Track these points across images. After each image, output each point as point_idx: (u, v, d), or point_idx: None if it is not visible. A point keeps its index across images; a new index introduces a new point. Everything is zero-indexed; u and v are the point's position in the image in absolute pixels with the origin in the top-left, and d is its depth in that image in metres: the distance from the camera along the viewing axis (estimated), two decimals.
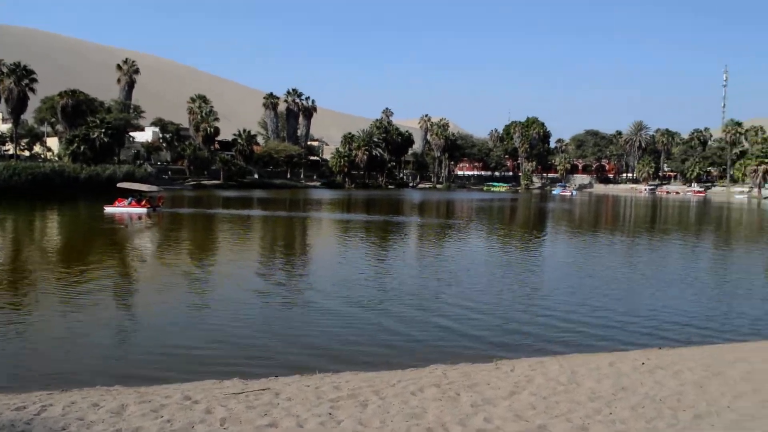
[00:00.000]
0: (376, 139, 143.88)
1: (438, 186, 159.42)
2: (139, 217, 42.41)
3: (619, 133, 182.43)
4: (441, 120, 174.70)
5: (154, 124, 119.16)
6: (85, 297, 16.62)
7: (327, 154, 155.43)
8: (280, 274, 21.11)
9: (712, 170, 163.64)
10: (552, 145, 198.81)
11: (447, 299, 17.37)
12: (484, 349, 12.90)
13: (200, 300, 16.81)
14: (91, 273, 20.21)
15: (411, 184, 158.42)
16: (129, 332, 13.60)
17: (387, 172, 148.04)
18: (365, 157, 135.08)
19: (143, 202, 47.05)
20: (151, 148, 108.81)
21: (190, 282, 19.28)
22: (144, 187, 48.39)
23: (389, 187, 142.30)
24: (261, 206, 60.79)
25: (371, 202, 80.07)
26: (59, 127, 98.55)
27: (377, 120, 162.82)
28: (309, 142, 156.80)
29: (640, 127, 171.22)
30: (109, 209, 45.82)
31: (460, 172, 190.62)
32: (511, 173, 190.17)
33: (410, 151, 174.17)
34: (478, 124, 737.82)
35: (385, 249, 28.88)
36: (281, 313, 15.59)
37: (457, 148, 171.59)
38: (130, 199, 47.09)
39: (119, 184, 48.69)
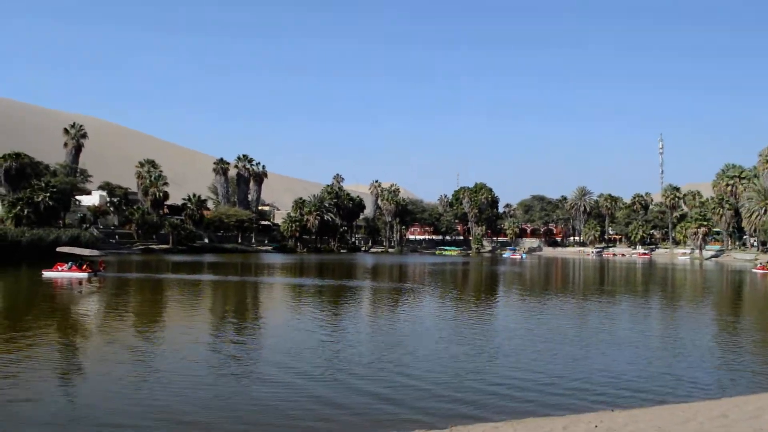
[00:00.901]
0: (327, 204, 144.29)
1: (390, 250, 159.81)
2: (79, 282, 41.15)
3: (564, 198, 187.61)
4: (391, 185, 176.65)
5: (101, 188, 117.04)
6: (11, 367, 15.74)
7: (278, 219, 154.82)
8: (229, 344, 20.50)
9: (655, 233, 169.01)
10: (501, 209, 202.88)
11: (399, 367, 17.10)
12: (439, 416, 12.65)
13: (140, 373, 16.10)
14: (18, 342, 19.23)
15: (363, 249, 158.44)
16: (57, 409, 12.85)
17: (339, 237, 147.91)
18: (317, 221, 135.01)
19: (84, 267, 45.79)
20: (98, 212, 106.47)
21: (129, 353, 18.50)
22: (84, 252, 47.37)
23: (341, 251, 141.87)
24: (211, 270, 59.64)
25: (323, 266, 79.48)
26: (1, 190, 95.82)
27: (328, 185, 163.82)
28: (260, 207, 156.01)
29: (583, 192, 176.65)
30: (47, 274, 44.46)
31: (411, 236, 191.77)
32: (461, 237, 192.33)
33: (362, 216, 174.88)
34: (429, 189, 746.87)
35: (338, 315, 28.49)
36: (228, 387, 15.05)
37: (407, 213, 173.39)
38: (70, 263, 45.86)
39: (59, 249, 47.77)
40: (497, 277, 63.01)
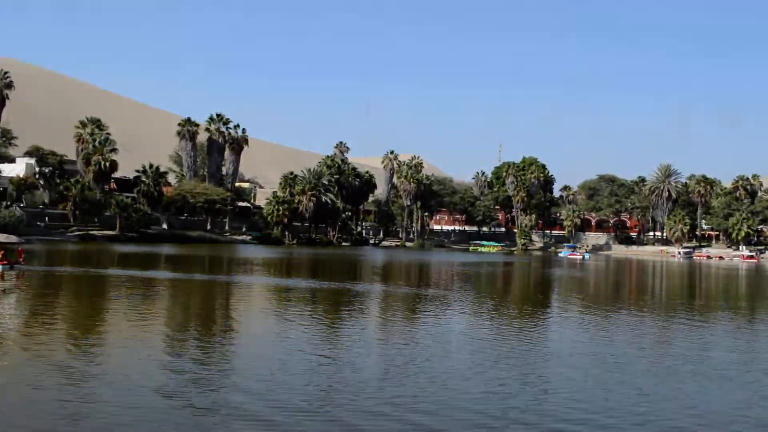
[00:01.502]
0: (326, 182, 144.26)
1: (408, 244, 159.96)
2: None
3: (642, 180, 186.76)
4: (412, 158, 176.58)
5: (29, 153, 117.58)
6: None
7: (261, 200, 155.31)
8: (191, 364, 20.20)
9: (765, 229, 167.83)
10: (556, 193, 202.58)
11: (417, 402, 16.71)
12: None
13: (69, 404, 15.79)
14: None
15: (372, 241, 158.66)
16: None
17: (341, 225, 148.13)
18: (311, 204, 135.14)
19: None
20: (23, 185, 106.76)
21: (55, 375, 18.22)
22: None
23: (343, 244, 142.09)
24: (171, 266, 59.71)
25: (319, 263, 79.39)
26: None
27: (328, 157, 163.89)
28: (238, 184, 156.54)
29: (668, 173, 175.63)
30: None
31: (436, 227, 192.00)
32: (503, 229, 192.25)
33: (371, 198, 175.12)
34: (461, 164, 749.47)
35: (336, 329, 28.19)
36: (188, 424, 14.72)
37: (432, 195, 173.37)
38: None
39: None
40: (550, 284, 62.61)
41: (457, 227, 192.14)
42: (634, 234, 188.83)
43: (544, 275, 75.21)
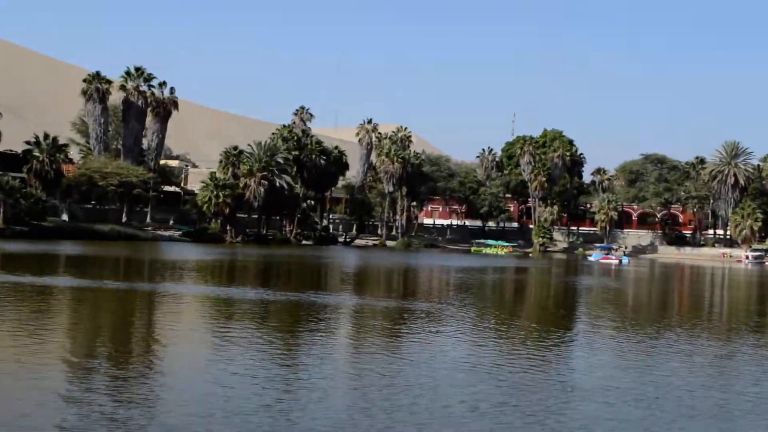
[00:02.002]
0: (281, 160, 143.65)
1: (389, 243, 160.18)
2: None
3: (701, 162, 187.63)
4: (397, 130, 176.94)
5: None
6: None
7: (195, 183, 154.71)
8: (99, 397, 20.28)
9: None
10: (586, 178, 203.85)
11: None
12: None
13: None
14: None
15: (342, 239, 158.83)
16: None
17: (301, 218, 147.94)
18: (262, 189, 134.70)
19: None
20: None
21: None
22: None
23: (304, 242, 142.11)
24: (73, 271, 59.39)
25: (271, 268, 79.29)
26: None
27: (285, 127, 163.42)
28: (164, 161, 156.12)
29: (735, 152, 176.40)
30: None
31: (427, 221, 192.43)
32: (516, 224, 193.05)
33: (342, 183, 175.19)
34: (462, 140, 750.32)
35: (293, 353, 28.32)
36: None
37: (423, 179, 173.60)
38: None
39: None
40: (576, 297, 62.90)
41: (455, 221, 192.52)
42: (688, 232, 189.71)
43: (568, 285, 75.57)
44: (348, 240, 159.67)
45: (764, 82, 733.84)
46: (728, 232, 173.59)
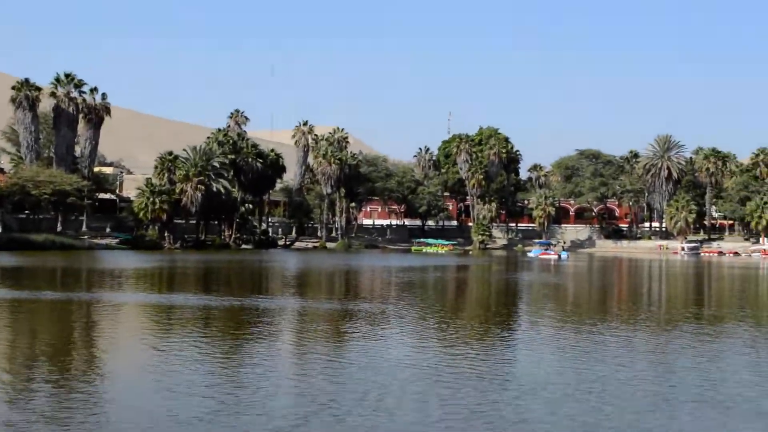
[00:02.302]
0: (217, 164, 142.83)
1: (329, 245, 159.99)
2: None
3: (635, 156, 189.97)
4: (334, 132, 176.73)
5: None
6: None
7: (131, 190, 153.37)
8: (33, 418, 19.96)
9: None
10: (524, 174, 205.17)
11: None
12: None
13: None
14: None
15: (282, 242, 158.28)
16: None
17: (239, 222, 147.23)
18: (199, 195, 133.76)
19: None
20: None
21: None
22: None
23: (243, 246, 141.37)
24: (8, 283, 58.62)
25: (211, 273, 78.86)
26: None
27: (220, 131, 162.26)
28: (98, 169, 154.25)
29: (668, 146, 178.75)
30: None
31: (367, 221, 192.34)
32: (455, 223, 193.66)
33: (280, 186, 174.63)
34: (399, 140, 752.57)
35: (232, 360, 28.14)
36: None
37: (361, 180, 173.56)
38: None
39: None
40: (516, 294, 63.30)
41: (394, 221, 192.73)
42: (624, 226, 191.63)
43: (508, 282, 75.90)
44: (288, 243, 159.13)
45: (694, 76, 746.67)
46: (664, 225, 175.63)
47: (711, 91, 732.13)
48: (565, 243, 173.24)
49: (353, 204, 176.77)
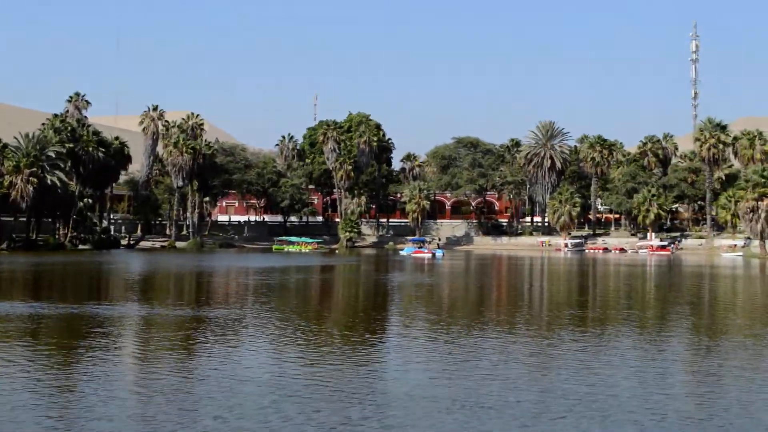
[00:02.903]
0: (53, 154, 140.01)
1: (180, 244, 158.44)
2: None
3: (516, 144, 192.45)
4: (187, 118, 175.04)
5: None
6: None
7: None
8: None
9: (681, 209, 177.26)
10: (396, 165, 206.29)
11: None
12: None
13: None
14: None
15: (126, 242, 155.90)
16: None
17: (77, 219, 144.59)
18: (31, 188, 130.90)
19: None
20: None
21: None
22: None
23: (81, 247, 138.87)
24: None
25: (43, 277, 77.42)
26: None
27: (57, 116, 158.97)
28: None
29: (551, 133, 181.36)
30: None
31: (223, 217, 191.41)
32: (320, 218, 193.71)
33: (124, 178, 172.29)
34: (259, 128, 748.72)
35: (67, 375, 27.70)
36: None
37: (216, 171, 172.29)
38: None
39: None
40: (386, 296, 63.66)
41: (253, 218, 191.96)
42: (505, 220, 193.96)
43: (377, 283, 76.28)
44: (132, 242, 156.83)
45: (575, 62, 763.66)
46: (546, 220, 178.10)
47: (597, 79, 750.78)
48: (440, 240, 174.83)
49: (207, 198, 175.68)
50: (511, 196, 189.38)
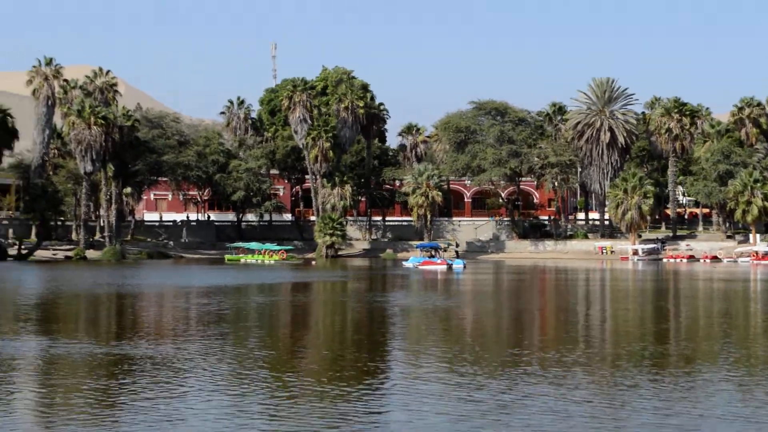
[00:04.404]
0: None
1: (91, 254, 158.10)
2: None
3: (560, 110, 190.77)
4: (95, 75, 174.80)
5: None
6: None
7: None
8: None
9: None
10: (392, 142, 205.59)
11: None
12: None
13: None
14: None
15: (15, 252, 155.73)
16: None
17: None
18: None
19: None
20: None
21: None
22: None
23: None
24: None
25: None
26: None
27: None
28: None
29: (610, 94, 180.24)
30: None
31: (151, 216, 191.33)
32: (289, 216, 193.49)
33: (9, 160, 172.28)
34: (194, 90, 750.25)
35: None
36: None
37: (140, 150, 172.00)
38: None
39: None
40: (384, 327, 63.67)
41: (195, 215, 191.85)
42: (547, 218, 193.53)
43: (372, 309, 76.13)
44: (24, 252, 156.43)
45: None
46: (607, 216, 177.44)
47: (667, 26, 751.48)
48: (459, 246, 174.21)
49: (129, 189, 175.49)
50: (556, 183, 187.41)
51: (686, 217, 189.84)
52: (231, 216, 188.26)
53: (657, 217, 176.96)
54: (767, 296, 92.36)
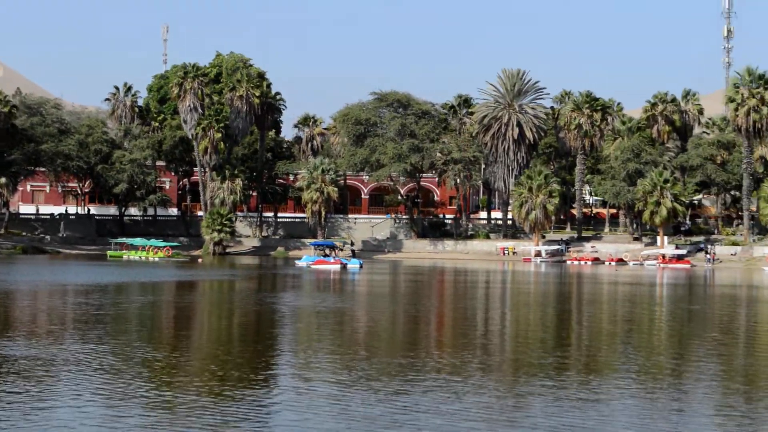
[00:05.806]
0: None
1: None
2: None
3: (466, 102, 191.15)
4: None
5: None
6: None
7: None
8: None
9: (706, 202, 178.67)
10: (287, 133, 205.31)
11: None
12: None
13: None
14: None
15: None
16: None
17: None
18: None
19: None
20: None
21: None
22: None
23: None
24: None
25: None
26: None
27: None
28: None
29: (519, 86, 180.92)
30: None
31: (26, 208, 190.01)
32: (175, 211, 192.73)
33: None
34: (77, 74, 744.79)
35: None
36: None
37: (17, 139, 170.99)
38: None
39: None
40: (272, 330, 63.74)
41: (74, 209, 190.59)
42: (448, 217, 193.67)
43: (261, 310, 76.04)
44: None
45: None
46: (510, 216, 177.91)
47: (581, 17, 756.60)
48: (354, 245, 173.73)
49: (3, 180, 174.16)
50: (459, 180, 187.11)
51: (593, 217, 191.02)
52: (113, 210, 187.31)
53: (562, 217, 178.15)
54: (672, 299, 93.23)
